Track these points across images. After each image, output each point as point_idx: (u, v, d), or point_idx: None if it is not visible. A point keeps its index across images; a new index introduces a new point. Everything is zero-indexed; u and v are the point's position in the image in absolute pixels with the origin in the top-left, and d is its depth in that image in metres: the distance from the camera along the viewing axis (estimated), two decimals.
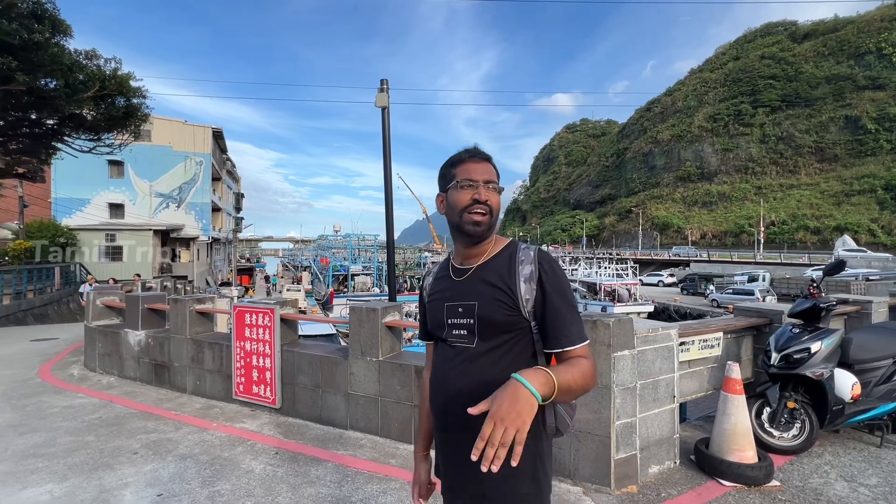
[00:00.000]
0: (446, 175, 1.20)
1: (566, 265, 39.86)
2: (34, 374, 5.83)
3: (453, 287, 1.18)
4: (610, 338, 2.74)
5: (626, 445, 2.83)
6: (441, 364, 1.19)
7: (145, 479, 2.98)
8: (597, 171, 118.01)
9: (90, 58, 13.27)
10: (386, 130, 5.66)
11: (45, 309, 15.83)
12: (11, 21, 10.61)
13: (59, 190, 29.90)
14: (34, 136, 14.17)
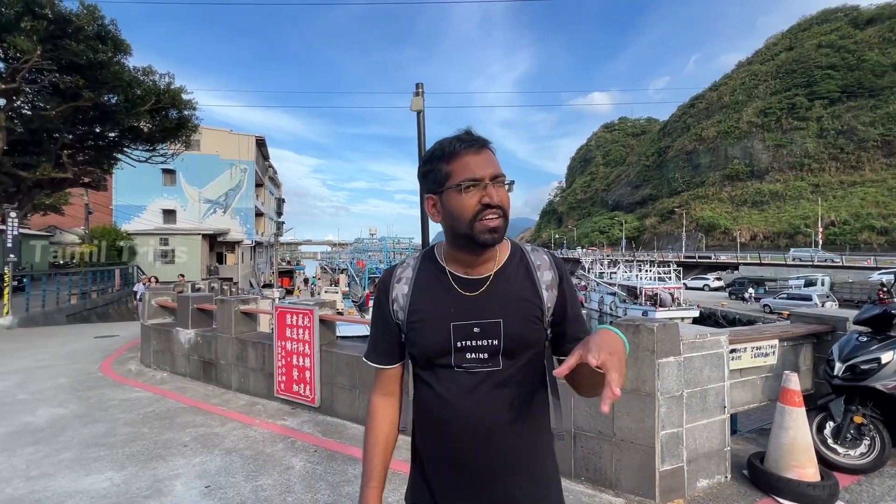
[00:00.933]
0: (436, 172, 0.96)
1: (604, 268, 38.73)
2: (96, 368, 6.27)
3: (461, 303, 0.97)
4: (654, 343, 2.62)
5: (672, 457, 2.69)
6: (449, 393, 0.96)
7: (194, 470, 3.13)
8: (636, 171, 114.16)
9: (147, 74, 14.23)
10: (421, 133, 5.72)
11: (106, 308, 17.02)
12: (80, 43, 11.53)
13: (119, 197, 32.21)
14: (98, 148, 15.34)
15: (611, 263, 40.57)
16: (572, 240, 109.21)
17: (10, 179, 12.96)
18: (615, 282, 32.90)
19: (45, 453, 3.41)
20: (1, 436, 3.77)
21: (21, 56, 10.89)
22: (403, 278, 1.04)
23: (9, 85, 11.43)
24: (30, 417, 4.22)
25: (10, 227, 11.75)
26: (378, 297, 1.08)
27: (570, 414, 2.90)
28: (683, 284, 30.35)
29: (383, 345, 1.06)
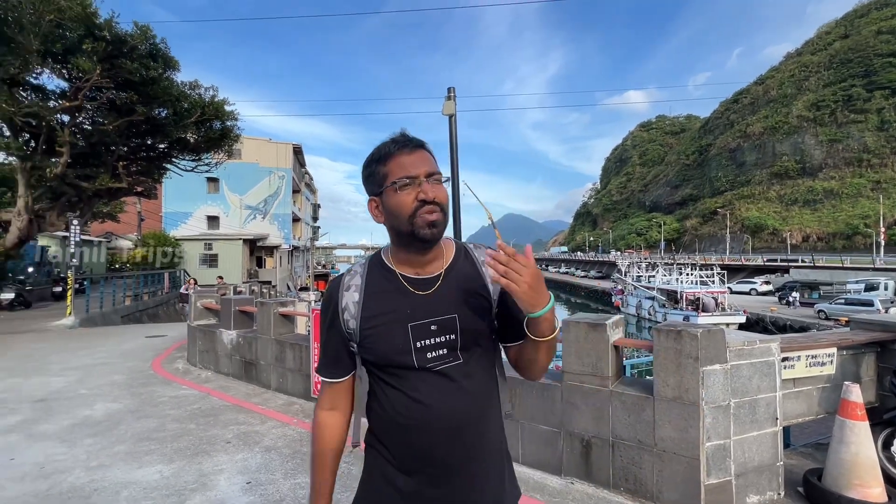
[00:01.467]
0: (375, 174, 0.98)
1: (642, 271, 37.44)
2: (148, 366, 6.65)
3: (416, 303, 0.99)
4: (698, 350, 2.50)
5: (718, 470, 2.55)
6: (417, 392, 0.97)
7: (236, 467, 3.25)
8: (676, 171, 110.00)
9: (193, 88, 15.04)
10: (453, 137, 5.74)
11: (156, 309, 18.04)
12: (134, 61, 12.34)
13: (168, 205, 34.14)
14: (149, 159, 16.33)
15: (649, 266, 39.13)
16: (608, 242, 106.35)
17: (72, 190, 14.01)
18: (654, 286, 31.71)
19: (102, 445, 3.64)
20: (65, 427, 4.06)
21: (83, 76, 11.76)
22: (352, 286, 1.03)
23: (72, 103, 12.37)
24: (89, 411, 4.52)
25: (73, 234, 12.67)
26: (325, 309, 1.05)
27: (607, 421, 2.81)
28: (728, 288, 28.86)
29: (333, 357, 1.05)
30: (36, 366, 6.60)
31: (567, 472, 2.98)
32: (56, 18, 10.93)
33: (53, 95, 13.03)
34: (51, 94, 13.03)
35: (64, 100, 12.57)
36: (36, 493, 2.86)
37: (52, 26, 10.97)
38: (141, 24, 12.92)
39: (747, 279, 39.27)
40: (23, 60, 11.32)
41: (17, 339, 9.29)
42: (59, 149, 12.75)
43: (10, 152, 13.03)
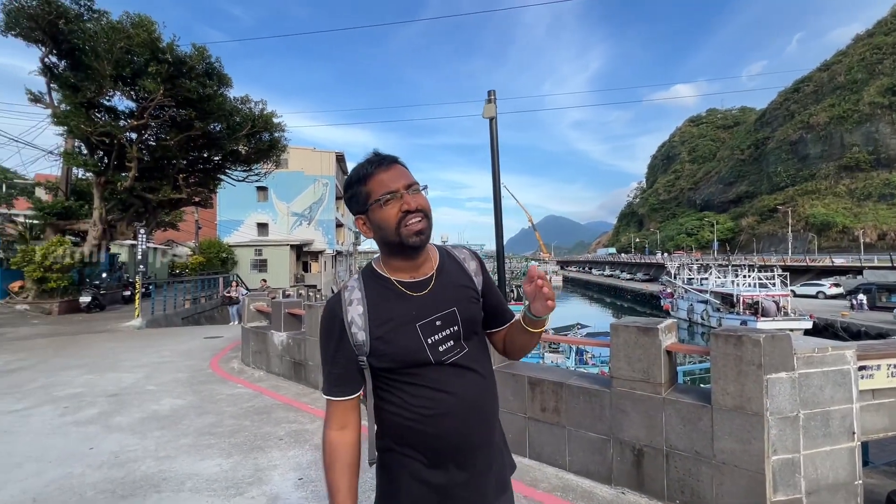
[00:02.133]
0: (358, 195, 1.07)
1: (694, 274, 35.54)
2: (206, 365, 7.07)
3: (418, 304, 1.07)
4: (761, 357, 2.35)
5: (786, 486, 2.37)
6: (438, 384, 1.04)
7: (289, 463, 3.38)
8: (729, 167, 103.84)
9: (244, 102, 15.92)
10: (494, 140, 5.72)
11: (212, 312, 19.16)
12: (192, 80, 13.23)
13: (221, 213, 36.24)
14: (205, 171, 17.43)
15: (701, 268, 37.08)
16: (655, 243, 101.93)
17: (139, 201, 15.20)
18: (707, 288, 30.02)
19: (168, 438, 3.90)
20: (136, 420, 4.39)
21: (148, 96, 12.77)
22: (354, 300, 1.08)
23: (139, 121, 13.46)
24: (156, 406, 4.87)
25: (141, 242, 13.73)
26: (329, 327, 1.09)
27: (661, 430, 2.69)
28: (791, 291, 26.81)
29: (342, 374, 1.09)
30: (110, 363, 7.19)
31: (618, 482, 2.88)
32: (126, 45, 11.95)
33: (123, 115, 14.22)
34: (121, 114, 14.23)
35: (132, 119, 13.69)
36: (113, 480, 3.11)
37: (122, 52, 12.00)
38: (198, 46, 13.86)
39: (813, 281, 36.30)
40: (97, 85, 12.45)
41: (93, 338, 10.17)
42: (128, 164, 13.89)
43: (87, 169, 14.33)
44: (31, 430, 4.15)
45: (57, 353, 8.16)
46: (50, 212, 14.72)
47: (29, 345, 9.09)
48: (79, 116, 12.61)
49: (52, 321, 12.63)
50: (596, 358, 15.50)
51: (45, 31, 11.81)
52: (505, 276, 6.45)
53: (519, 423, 3.43)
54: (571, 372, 3.58)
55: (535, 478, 3.07)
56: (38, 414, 4.59)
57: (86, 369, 6.71)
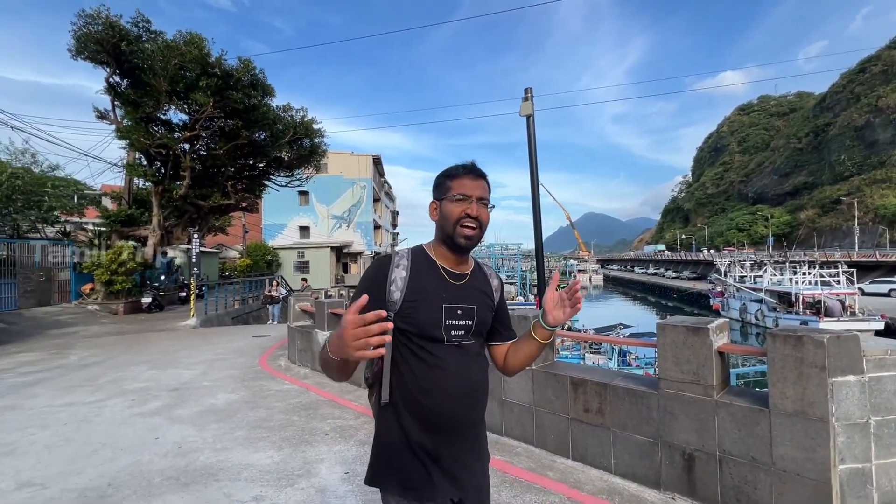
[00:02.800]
0: (442, 185, 1.26)
1: (746, 271, 33.53)
2: (256, 362, 7.43)
3: (450, 290, 1.23)
4: (825, 358, 2.20)
5: (856, 498, 2.21)
6: (442, 361, 1.18)
7: (335, 457, 3.50)
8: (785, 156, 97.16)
9: (286, 110, 16.58)
10: (531, 137, 5.66)
11: (259, 312, 20.06)
12: (238, 91, 13.93)
13: (266, 218, 37.87)
14: (251, 178, 18.29)
15: (755, 265, 34.93)
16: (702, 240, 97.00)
17: (193, 208, 16.17)
18: (761, 287, 28.25)
19: (224, 431, 4.14)
20: (195, 413, 4.69)
21: (199, 108, 13.57)
22: (401, 265, 1.23)
23: (191, 133, 14.33)
24: (213, 400, 5.17)
25: (195, 246, 14.60)
26: (374, 277, 1.22)
27: (713, 434, 2.57)
28: (859, 289, 24.71)
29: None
30: (170, 360, 7.70)
31: (667, 487, 2.78)
32: (179, 62, 12.75)
33: (177, 127, 15.18)
34: (175, 126, 15.20)
35: (185, 130, 14.60)
36: (177, 468, 3.34)
37: (176, 69, 12.82)
38: (243, 59, 14.57)
39: (885, 278, 33.34)
40: (155, 100, 13.37)
41: (154, 336, 10.93)
42: (182, 173, 14.82)
43: (146, 178, 15.42)
44: (104, 419, 4.53)
45: (124, 350, 8.83)
46: (115, 219, 15.95)
47: (100, 342, 9.89)
48: (139, 130, 13.59)
49: (119, 320, 13.67)
50: (640, 359, 14.97)
51: (110, 53, 12.80)
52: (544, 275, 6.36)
53: (561, 424, 3.38)
54: (616, 372, 3.49)
55: (578, 479, 3.02)
56: (110, 405, 5.00)
57: (149, 365, 7.23)
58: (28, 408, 4.96)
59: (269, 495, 2.92)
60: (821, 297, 22.62)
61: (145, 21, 13.47)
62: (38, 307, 14.09)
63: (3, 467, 3.41)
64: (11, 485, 3.13)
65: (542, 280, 6.43)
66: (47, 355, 8.24)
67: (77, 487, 3.08)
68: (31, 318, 12.44)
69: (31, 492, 3.04)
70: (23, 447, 3.81)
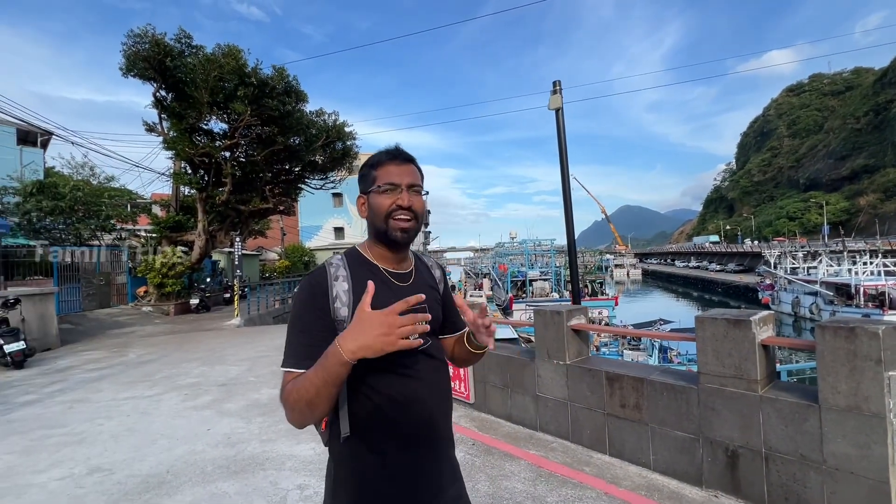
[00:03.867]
0: (367, 176, 1.15)
1: (798, 262, 31.55)
2: None
3: (398, 293, 1.08)
4: (880, 351, 2.07)
5: None
6: (412, 371, 1.07)
7: None
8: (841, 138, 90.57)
9: (319, 115, 17.03)
10: (561, 131, 5.57)
11: None
12: (273, 99, 14.45)
13: (303, 220, 39.09)
14: (288, 182, 18.92)
15: (808, 256, 32.81)
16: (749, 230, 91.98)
17: (234, 212, 16.93)
18: (816, 279, 26.53)
19: (269, 423, 4.36)
20: (242, 407, 4.95)
21: (238, 117, 14.18)
22: (339, 276, 1.07)
23: (231, 141, 14.99)
24: (257, 395, 5.44)
25: (237, 249, 15.30)
26: (312, 298, 1.05)
27: (758, 430, 2.48)
28: None
29: (314, 346, 0.99)
30: (218, 357, 8.13)
31: (709, 484, 2.70)
32: (218, 74, 13.37)
33: (218, 136, 15.92)
34: (216, 135, 15.95)
35: (225, 139, 15.29)
36: (227, 458, 3.55)
37: (216, 80, 13.44)
38: (278, 67, 15.09)
39: None
40: (198, 111, 14.08)
41: (203, 335, 11.55)
42: (224, 180, 15.54)
43: (191, 186, 16.28)
44: (162, 412, 4.86)
45: (176, 348, 9.40)
46: (164, 226, 16.95)
47: (154, 341, 10.57)
48: (184, 141, 14.37)
49: (170, 321, 14.54)
50: (682, 356, 14.43)
51: (156, 69, 13.59)
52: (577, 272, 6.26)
53: (598, 419, 3.34)
54: (652, 367, 3.41)
55: (615, 475, 2.98)
56: (166, 399, 5.36)
57: (200, 362, 7.66)
58: (95, 401, 5.39)
59: (312, 484, 3.06)
60: (884, 289, 20.99)
61: (187, 37, 14.20)
62: (99, 309, 15.20)
63: (76, 454, 3.74)
64: (84, 470, 3.43)
65: (576, 276, 6.33)
66: (109, 353, 8.89)
67: (140, 473, 3.34)
68: (94, 319, 13.44)
69: (100, 476, 3.32)
70: (92, 436, 4.16)
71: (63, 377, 6.80)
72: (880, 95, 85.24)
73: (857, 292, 22.10)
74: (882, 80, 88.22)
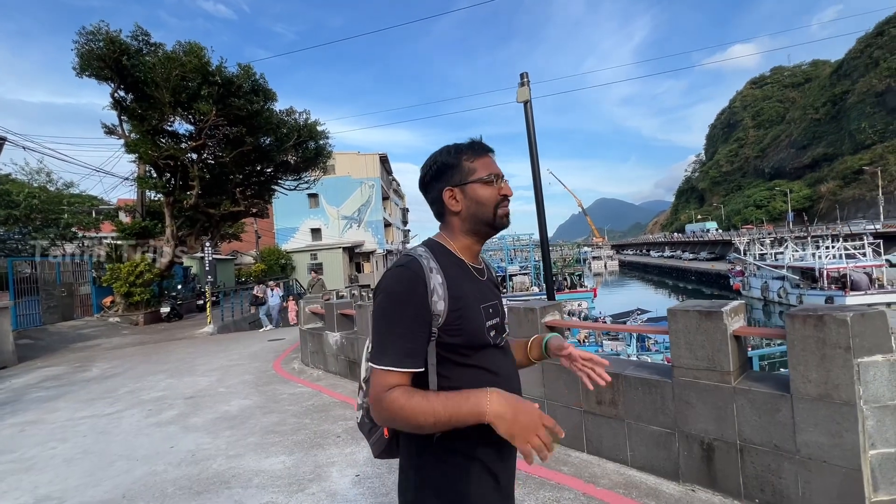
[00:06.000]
0: (457, 168, 1.10)
1: (766, 248, 32.69)
2: (270, 366, 7.47)
3: (481, 288, 1.12)
4: (849, 338, 2.06)
5: (890, 484, 2.08)
6: (495, 367, 1.08)
7: (346, 460, 3.47)
8: (802, 128, 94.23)
9: (289, 114, 16.60)
10: (530, 124, 5.51)
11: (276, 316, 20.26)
12: (240, 98, 13.98)
13: (278, 222, 38.24)
14: (260, 183, 18.41)
15: (774, 242, 34.02)
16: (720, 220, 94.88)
17: (204, 216, 16.37)
18: (783, 263, 27.53)
19: (237, 437, 4.15)
20: (209, 421, 4.71)
21: (203, 117, 13.66)
22: (433, 269, 1.03)
23: (197, 142, 14.46)
24: (227, 407, 5.20)
25: (207, 254, 14.78)
26: (413, 292, 0.98)
27: (732, 422, 2.46)
28: (886, 261, 23.85)
29: (421, 344, 0.98)
30: (187, 367, 7.80)
31: (686, 478, 2.67)
32: (180, 72, 12.84)
33: (184, 138, 15.33)
34: (181, 137, 15.36)
35: (191, 140, 14.73)
36: (189, 477, 3.35)
37: (178, 80, 12.90)
38: (243, 65, 14.62)
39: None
40: (160, 112, 13.50)
41: (173, 345, 11.11)
42: (191, 183, 14.98)
43: (157, 190, 15.64)
44: (122, 430, 4.58)
45: (143, 360, 8.99)
46: (130, 232, 16.23)
47: (120, 353, 10.09)
48: (146, 143, 13.75)
49: (139, 331, 13.95)
50: (659, 344, 14.72)
51: (112, 68, 12.95)
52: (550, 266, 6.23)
53: (575, 417, 3.29)
54: (628, 362, 3.38)
55: (594, 474, 2.92)
56: (127, 416, 5.07)
57: (167, 374, 7.33)
58: (50, 422, 5.06)
59: (280, 501, 2.90)
60: (846, 271, 21.92)
61: (144, 34, 13.58)
62: (62, 322, 14.46)
63: (22, 483, 3.47)
64: (29, 500, 3.17)
65: (549, 270, 6.29)
66: (70, 369, 8.43)
67: (93, 501, 3.11)
68: (56, 333, 12.77)
69: None
70: (42, 461, 3.88)
71: (16, 397, 6.39)
72: (836, 87, 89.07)
73: (820, 275, 23.01)
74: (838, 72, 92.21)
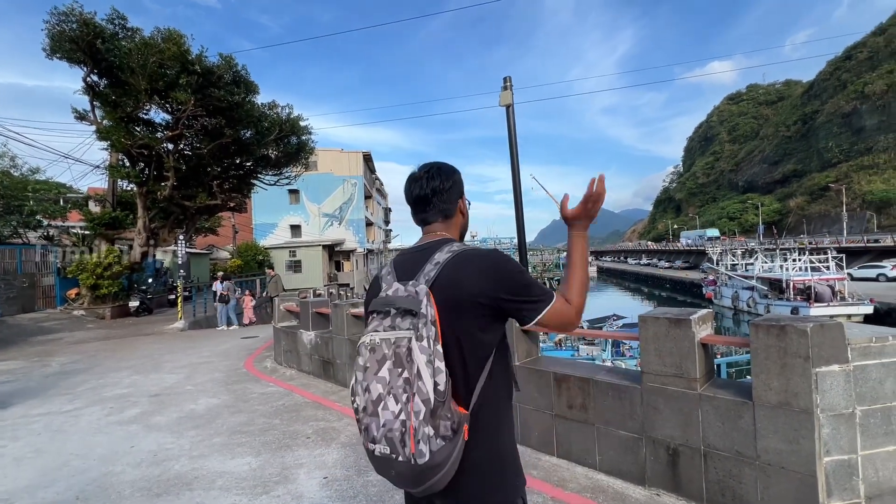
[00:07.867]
0: (461, 184, 1.30)
1: (738, 259, 33.74)
2: (241, 365, 7.29)
3: None
4: (808, 348, 2.13)
5: (843, 490, 2.15)
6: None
7: (315, 461, 3.40)
8: (774, 145, 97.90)
9: (271, 108, 16.29)
10: (512, 129, 5.54)
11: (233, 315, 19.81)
12: (220, 89, 13.64)
13: (257, 217, 37.47)
14: (238, 177, 17.99)
15: (746, 253, 35.17)
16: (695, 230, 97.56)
17: (179, 209, 15.89)
18: (753, 274, 28.46)
19: (202, 437, 4.02)
20: (174, 420, 4.56)
21: (181, 107, 13.27)
22: None
23: (174, 132, 14.03)
24: (193, 405, 5.04)
25: (180, 248, 14.36)
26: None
27: (697, 428, 2.50)
28: (848, 275, 24.93)
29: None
30: (154, 364, 7.55)
31: (651, 483, 2.71)
32: (158, 59, 12.44)
33: (160, 127, 14.86)
34: (158, 126, 14.88)
35: (168, 130, 14.29)
36: (149, 479, 3.23)
37: (155, 67, 12.50)
38: (225, 55, 14.27)
39: (873, 263, 33.73)
40: (135, 99, 13.05)
41: (140, 340, 10.73)
42: (166, 174, 14.53)
43: (129, 180, 15.10)
44: (79, 429, 4.39)
45: (108, 355, 8.65)
46: (99, 223, 15.62)
47: (83, 348, 9.69)
48: (120, 131, 13.27)
49: (105, 325, 13.43)
50: (634, 350, 14.99)
51: (85, 51, 12.46)
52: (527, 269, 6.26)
53: (546, 420, 3.30)
54: (599, 367, 3.42)
55: (562, 477, 2.94)
56: (87, 414, 4.86)
57: (132, 371, 7.07)
58: (1, 419, 4.81)
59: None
60: (811, 283, 22.81)
61: (121, 18, 13.13)
62: (21, 314, 13.81)
63: None
64: None
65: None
66: (28, 363, 8.05)
67: (44, 502, 2.96)
68: (14, 325, 12.18)
69: None
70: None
71: None
72: (807, 106, 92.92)
73: (787, 287, 23.88)
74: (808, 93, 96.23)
